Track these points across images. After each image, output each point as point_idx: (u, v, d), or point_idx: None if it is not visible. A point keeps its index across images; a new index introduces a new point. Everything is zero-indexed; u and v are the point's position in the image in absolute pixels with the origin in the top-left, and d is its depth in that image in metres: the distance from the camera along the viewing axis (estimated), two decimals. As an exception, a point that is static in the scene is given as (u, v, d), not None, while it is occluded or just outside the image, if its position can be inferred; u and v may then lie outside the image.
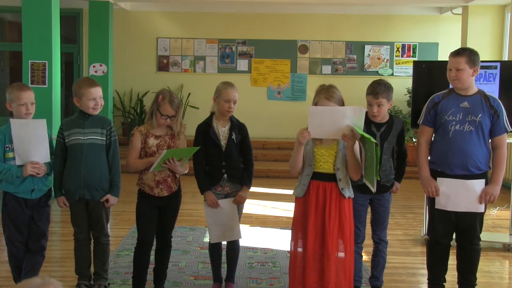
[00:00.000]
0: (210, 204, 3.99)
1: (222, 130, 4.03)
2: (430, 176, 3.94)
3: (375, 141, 3.31)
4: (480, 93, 3.90)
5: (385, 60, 11.63)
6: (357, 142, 3.49)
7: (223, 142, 4.01)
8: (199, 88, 11.44)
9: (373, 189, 3.54)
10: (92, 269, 4.12)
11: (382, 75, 11.28)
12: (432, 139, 4.05)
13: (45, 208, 3.96)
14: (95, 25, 10.07)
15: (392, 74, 11.45)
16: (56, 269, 4.71)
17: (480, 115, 3.82)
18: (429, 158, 4.03)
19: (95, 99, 3.90)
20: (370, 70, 11.59)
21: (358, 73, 11.57)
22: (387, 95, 3.95)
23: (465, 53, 3.84)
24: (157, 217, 3.98)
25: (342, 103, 3.56)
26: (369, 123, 3.98)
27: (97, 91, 3.92)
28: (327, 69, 11.69)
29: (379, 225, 4.15)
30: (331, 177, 3.56)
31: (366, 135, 3.35)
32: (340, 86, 3.69)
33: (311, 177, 3.58)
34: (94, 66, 10.09)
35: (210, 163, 4.04)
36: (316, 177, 3.57)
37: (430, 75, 5.57)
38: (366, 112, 3.98)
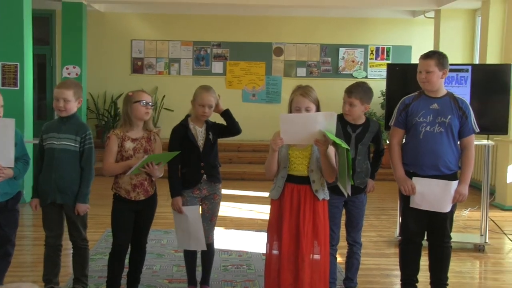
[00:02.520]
0: (174, 209, 3.99)
1: (199, 130, 4.04)
2: (405, 175, 3.99)
3: (346, 146, 3.33)
4: (449, 95, 3.99)
5: (359, 63, 11.73)
6: (331, 146, 3.50)
7: (201, 142, 4.02)
8: (174, 90, 11.41)
9: (346, 193, 3.57)
10: (65, 276, 4.07)
11: (356, 77, 11.37)
12: (404, 140, 4.11)
13: (12, 212, 3.90)
14: (68, 26, 9.96)
15: (366, 77, 11.55)
16: (27, 274, 4.65)
17: (449, 116, 3.90)
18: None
19: (58, 100, 3.87)
20: (344, 72, 11.68)
21: (333, 76, 11.66)
22: (361, 96, 3.99)
23: (435, 56, 3.93)
24: (133, 222, 3.95)
25: (317, 103, 3.59)
26: (345, 124, 4.04)
27: (60, 93, 3.87)
28: (302, 71, 11.75)
29: (353, 227, 4.17)
30: (305, 180, 3.57)
31: (338, 141, 3.36)
32: (314, 88, 3.70)
33: (286, 180, 3.59)
34: (67, 68, 9.98)
35: (188, 165, 4.03)
36: (290, 179, 3.58)
37: (403, 78, 5.63)
38: (343, 114, 4.04)
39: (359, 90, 3.99)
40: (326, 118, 3.42)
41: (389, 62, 11.33)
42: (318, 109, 3.59)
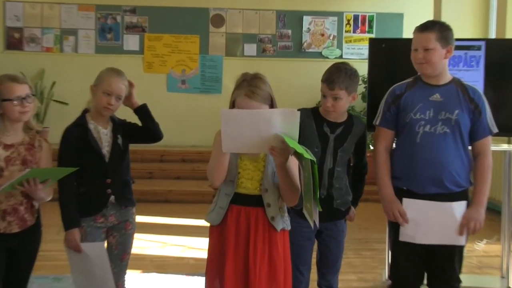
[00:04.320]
0: (70, 246, 3.95)
1: (104, 132, 4.02)
2: (393, 194, 4.03)
3: (311, 157, 3.23)
4: (456, 82, 4.06)
5: (331, 37, 11.86)
6: (292, 158, 3.46)
7: (106, 149, 4.01)
8: (69, 75, 11.31)
9: (311, 223, 3.48)
10: None
11: (327, 58, 11.47)
12: (394, 145, 4.15)
13: None
14: None
15: (340, 57, 11.66)
16: None
17: (456, 111, 3.97)
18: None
19: None
20: (310, 50, 11.76)
21: (295, 55, 11.72)
22: (347, 85, 4.01)
23: (435, 28, 3.99)
24: (5, 263, 3.89)
25: (270, 101, 3.53)
26: (322, 121, 4.07)
27: None
28: (251, 49, 11.81)
29: (330, 267, 4.20)
30: (257, 200, 3.54)
31: (300, 149, 3.30)
32: (269, 73, 3.71)
33: (231, 199, 3.55)
34: None
35: (89, 183, 4.00)
36: (237, 199, 3.55)
37: (392, 58, 5.72)
38: (318, 108, 4.05)
39: (343, 77, 4.00)
40: (285, 118, 3.34)
41: (373, 36, 11.49)
42: (272, 107, 3.56)
